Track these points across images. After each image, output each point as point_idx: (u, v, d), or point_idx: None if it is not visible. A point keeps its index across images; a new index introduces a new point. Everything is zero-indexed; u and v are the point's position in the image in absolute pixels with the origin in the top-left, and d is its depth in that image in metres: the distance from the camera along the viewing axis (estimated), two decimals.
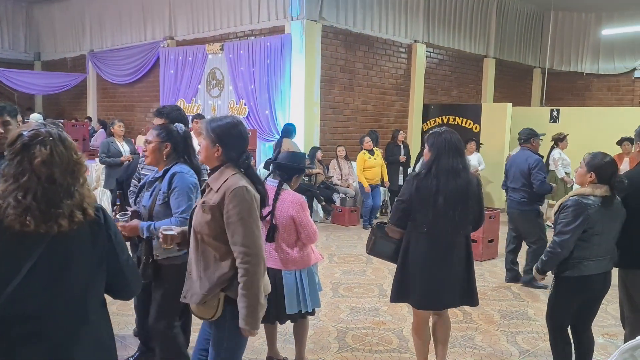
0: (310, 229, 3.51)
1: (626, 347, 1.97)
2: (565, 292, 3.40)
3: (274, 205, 3.48)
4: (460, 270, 3.41)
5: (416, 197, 3.33)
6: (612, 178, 3.28)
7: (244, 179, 2.55)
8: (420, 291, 3.41)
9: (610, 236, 3.36)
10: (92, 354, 1.88)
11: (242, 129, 2.64)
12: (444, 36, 12.20)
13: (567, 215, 3.27)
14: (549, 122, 11.85)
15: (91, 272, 1.89)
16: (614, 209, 3.34)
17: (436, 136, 3.39)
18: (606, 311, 5.28)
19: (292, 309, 3.50)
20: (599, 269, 3.33)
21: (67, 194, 1.80)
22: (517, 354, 4.25)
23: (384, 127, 11.16)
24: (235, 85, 10.32)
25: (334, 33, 10.12)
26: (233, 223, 2.46)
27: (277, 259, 3.51)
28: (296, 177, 3.66)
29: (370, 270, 6.50)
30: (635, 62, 14.09)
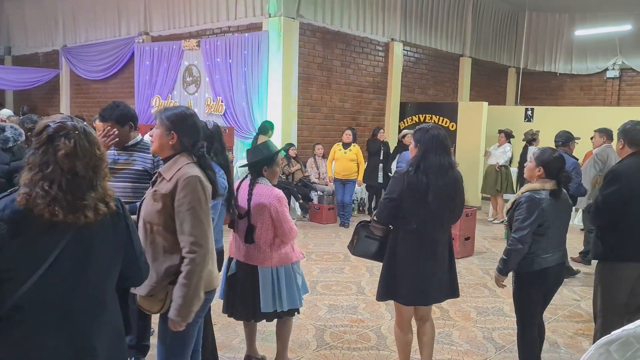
0: (286, 225, 3.43)
1: (602, 342, 1.99)
2: (527, 286, 3.47)
3: (248, 205, 3.44)
4: (445, 266, 3.44)
5: (407, 193, 3.28)
6: (559, 173, 3.37)
7: (197, 168, 2.54)
8: (409, 288, 3.39)
9: (562, 228, 3.48)
10: (109, 340, 1.96)
11: (196, 120, 2.64)
12: (421, 35, 12.27)
13: (522, 211, 3.33)
14: (523, 121, 12.03)
15: (111, 260, 1.99)
16: (563, 202, 3.45)
17: (423, 132, 3.38)
18: (580, 307, 5.38)
19: (267, 307, 3.45)
20: (554, 261, 3.42)
21: (90, 187, 1.87)
22: (494, 349, 4.29)
23: (361, 125, 11.18)
24: (212, 82, 10.23)
25: (312, 31, 10.10)
26: (183, 212, 2.45)
27: (255, 256, 3.47)
28: (265, 168, 3.52)
29: (348, 268, 6.51)
30: (607, 62, 14.37)
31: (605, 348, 2.00)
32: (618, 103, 14.20)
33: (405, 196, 3.30)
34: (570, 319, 5.05)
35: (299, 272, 3.63)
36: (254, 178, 3.51)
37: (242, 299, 3.53)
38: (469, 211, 7.49)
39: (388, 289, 3.47)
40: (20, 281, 1.76)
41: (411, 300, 3.45)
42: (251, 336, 3.84)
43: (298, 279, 3.60)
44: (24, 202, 1.77)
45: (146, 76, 11.37)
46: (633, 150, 3.73)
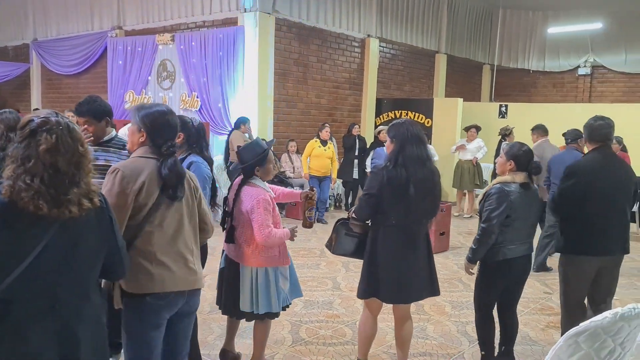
0: (258, 225, 3.28)
1: (571, 333, 2.03)
2: (491, 275, 3.57)
3: (232, 206, 3.42)
4: (427, 262, 3.45)
5: (387, 188, 3.27)
6: (529, 165, 3.46)
7: (144, 163, 2.47)
8: (391, 286, 3.39)
9: (529, 221, 3.55)
10: (92, 331, 2.00)
11: (170, 118, 2.58)
12: (397, 31, 12.32)
13: (491, 202, 3.42)
14: (497, 117, 12.16)
15: (94, 254, 2.02)
16: (532, 195, 3.52)
17: (398, 127, 3.38)
18: (551, 299, 5.47)
19: (244, 307, 3.44)
20: (520, 252, 3.50)
21: (73, 183, 1.89)
22: (467, 343, 4.34)
23: (337, 121, 11.19)
24: (187, 77, 10.12)
25: (288, 26, 10.06)
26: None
27: (235, 253, 3.47)
28: (257, 168, 3.46)
29: (324, 264, 6.51)
30: (579, 60, 14.61)
31: (574, 339, 2.05)
32: (589, 100, 14.44)
33: (385, 191, 3.28)
34: (542, 312, 5.14)
35: (286, 276, 3.54)
36: (246, 178, 3.46)
37: (226, 294, 3.54)
38: (443, 206, 7.55)
39: (370, 287, 3.45)
40: (5, 273, 1.79)
41: (393, 298, 3.46)
42: (232, 331, 3.82)
43: (282, 283, 3.51)
44: (8, 194, 1.80)
45: (119, 71, 11.20)
46: (594, 146, 3.80)
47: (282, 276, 3.51)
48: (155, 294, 2.47)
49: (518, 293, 3.72)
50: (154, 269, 2.46)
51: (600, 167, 3.73)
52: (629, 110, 10.69)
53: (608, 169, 3.75)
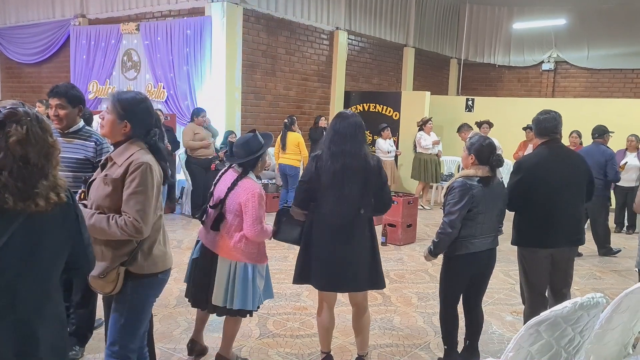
0: (252, 219, 3.28)
1: (532, 322, 2.08)
2: (455, 269, 3.60)
3: (226, 194, 3.39)
4: (365, 254, 3.42)
5: (315, 177, 3.34)
6: (490, 158, 3.50)
7: (149, 155, 2.59)
8: (322, 273, 3.40)
9: (493, 215, 3.58)
10: (53, 330, 1.95)
11: (149, 105, 2.66)
12: (365, 24, 12.34)
13: (454, 196, 3.46)
14: (464, 111, 12.33)
15: (58, 250, 1.97)
16: (495, 188, 3.56)
17: (335, 118, 3.46)
18: (514, 290, 5.58)
19: (217, 300, 3.40)
20: (483, 247, 3.54)
21: (42, 175, 1.83)
22: (433, 333, 4.40)
23: (305, 113, 11.17)
24: (153, 67, 9.95)
25: (256, 17, 9.97)
26: (129, 195, 2.50)
27: (217, 244, 3.43)
28: (255, 163, 3.47)
29: (292, 256, 6.50)
30: (543, 55, 14.90)
31: (535, 329, 2.09)
32: (553, 94, 14.77)
33: (314, 179, 3.34)
34: (505, 302, 5.24)
35: (263, 274, 3.53)
36: (245, 172, 3.43)
37: (199, 286, 3.48)
38: (410, 199, 7.64)
39: (303, 273, 3.48)
40: None
41: (324, 285, 3.46)
42: (201, 323, 3.78)
43: (259, 282, 3.49)
44: None
45: (82, 60, 10.95)
46: (543, 140, 3.85)
47: (259, 274, 3.49)
48: (165, 270, 2.72)
49: (483, 287, 3.76)
50: (166, 249, 2.72)
51: (545, 161, 3.78)
52: (590, 105, 10.96)
53: (554, 163, 3.79)
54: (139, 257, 2.58)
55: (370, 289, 3.61)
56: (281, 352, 3.96)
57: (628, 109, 10.59)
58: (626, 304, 2.52)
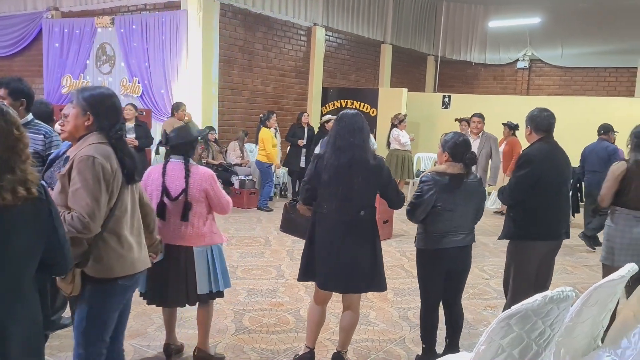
0: (224, 199, 3.48)
1: (503, 315, 2.10)
2: (426, 264, 3.65)
3: (187, 183, 3.37)
4: (366, 255, 3.42)
5: (315, 176, 3.37)
6: (464, 156, 3.53)
7: (105, 150, 2.47)
8: (325, 272, 3.42)
9: (466, 212, 3.59)
10: (25, 328, 1.91)
11: (116, 101, 2.61)
12: (343, 20, 12.34)
13: (421, 188, 3.52)
14: (441, 107, 12.42)
15: (30, 247, 1.92)
16: (469, 187, 3.57)
17: (338, 117, 3.47)
18: (489, 285, 5.65)
19: (203, 289, 3.42)
20: (452, 244, 3.55)
21: (8, 169, 1.79)
22: (408, 328, 4.43)
23: (283, 109, 11.14)
24: (128, 62, 9.82)
25: (233, 12, 9.90)
26: (73, 191, 2.40)
27: (188, 235, 3.40)
28: (190, 150, 3.52)
29: (269, 252, 6.49)
30: (518, 53, 15.08)
31: (506, 322, 2.11)
32: (528, 92, 14.96)
33: (314, 179, 3.37)
34: (480, 297, 5.31)
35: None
36: (188, 160, 3.45)
37: (174, 285, 3.42)
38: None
39: (307, 271, 3.51)
40: None
41: (326, 285, 3.47)
42: (171, 324, 3.74)
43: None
44: None
45: (56, 54, 10.75)
46: (540, 136, 3.92)
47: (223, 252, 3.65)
48: (126, 276, 2.56)
49: (460, 284, 3.78)
50: (125, 252, 2.55)
51: (547, 156, 3.86)
52: (564, 103, 11.12)
53: (554, 158, 3.90)
54: (90, 259, 2.47)
55: (371, 291, 3.64)
56: (257, 348, 3.95)
57: (601, 107, 10.79)
58: (595, 297, 2.57)
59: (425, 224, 3.57)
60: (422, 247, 3.62)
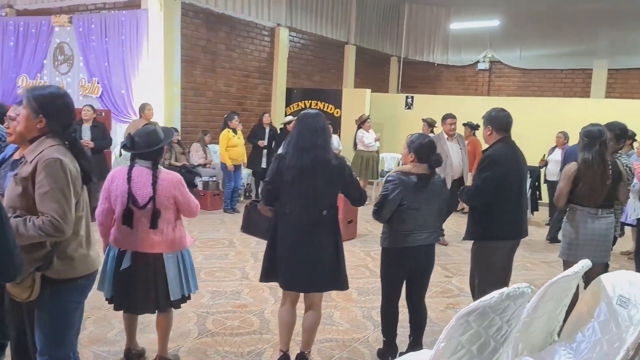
0: (193, 203, 3.46)
1: (461, 313, 2.13)
2: (389, 261, 3.71)
3: (154, 190, 3.29)
4: (328, 254, 3.44)
5: (277, 177, 3.37)
6: (429, 157, 3.59)
7: (64, 152, 2.45)
8: (287, 272, 3.43)
9: (428, 212, 3.64)
10: None
11: (68, 100, 2.55)
12: (307, 21, 12.35)
13: (386, 188, 3.57)
14: (404, 108, 12.55)
15: None
16: (434, 187, 3.64)
17: (299, 117, 3.49)
18: (451, 283, 5.74)
19: (175, 295, 3.37)
20: (417, 242, 3.61)
21: None
22: (372, 327, 4.46)
23: (247, 110, 11.08)
24: (87, 61, 9.59)
25: (194, 12, 9.80)
26: (42, 195, 2.35)
27: (157, 243, 3.33)
28: (159, 154, 3.48)
29: (233, 254, 6.44)
30: (478, 55, 15.36)
31: (465, 319, 2.15)
32: (488, 93, 15.26)
33: (276, 179, 3.38)
34: (442, 295, 5.38)
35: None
36: (156, 165, 3.37)
37: (142, 291, 3.36)
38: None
39: (269, 271, 3.52)
40: None
41: (289, 285, 3.48)
42: (131, 329, 3.68)
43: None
44: None
45: (10, 53, 10.39)
46: (501, 136, 3.98)
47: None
48: (87, 274, 2.58)
49: (424, 282, 3.83)
50: (88, 251, 2.58)
51: (509, 156, 3.93)
52: (523, 104, 11.40)
53: (515, 158, 3.98)
54: (55, 261, 2.44)
55: (333, 290, 3.66)
56: (220, 350, 3.91)
57: (557, 108, 11.10)
58: (551, 293, 2.64)
59: (390, 223, 3.61)
60: (387, 246, 3.66)
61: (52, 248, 2.44)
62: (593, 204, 4.15)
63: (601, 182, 4.10)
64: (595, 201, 4.14)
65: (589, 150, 4.15)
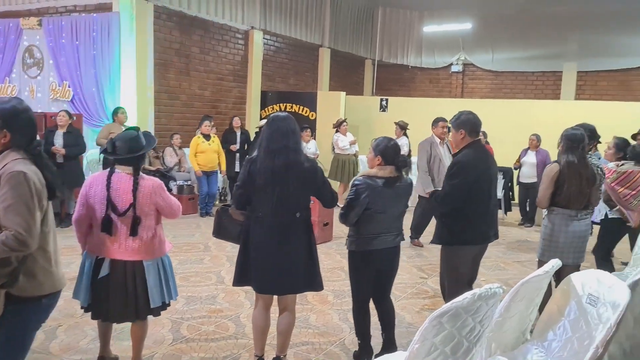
0: (175, 205, 3.45)
1: (435, 314, 2.15)
2: (357, 265, 3.72)
3: (135, 197, 3.24)
4: (302, 256, 3.44)
5: (248, 180, 3.36)
6: (395, 159, 3.63)
7: (29, 165, 2.40)
8: (261, 275, 3.41)
9: (394, 215, 3.69)
10: None
11: (31, 114, 2.51)
12: (281, 24, 12.34)
13: (354, 192, 3.59)
14: (379, 110, 12.62)
15: None
16: (400, 189, 3.67)
17: (269, 120, 3.47)
18: (427, 284, 5.78)
19: (155, 302, 3.33)
20: (383, 245, 3.65)
21: None
22: (348, 330, 4.46)
23: (222, 113, 11.02)
24: (57, 65, 9.42)
25: (167, 14, 9.71)
26: (5, 208, 2.30)
27: (138, 250, 3.29)
28: (141, 161, 3.45)
29: (208, 258, 6.39)
30: (452, 57, 15.54)
31: (438, 320, 2.16)
32: (462, 95, 15.44)
33: (247, 183, 3.36)
34: (418, 296, 5.42)
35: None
36: (137, 172, 3.32)
37: (121, 300, 3.30)
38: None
39: (242, 275, 3.50)
40: None
41: (263, 288, 3.47)
42: (106, 336, 3.61)
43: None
44: None
45: None
46: (473, 139, 3.99)
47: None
48: (51, 293, 2.51)
49: (390, 282, 3.87)
50: (53, 269, 2.51)
51: (479, 162, 3.93)
52: (496, 106, 11.57)
53: (483, 162, 3.99)
54: (21, 278, 2.36)
55: (307, 291, 3.65)
56: (195, 357, 3.88)
57: (529, 109, 11.29)
58: (523, 292, 2.68)
59: (357, 226, 3.64)
60: (354, 249, 3.69)
61: (19, 264, 2.36)
62: (578, 206, 4.21)
63: (587, 184, 4.17)
64: (580, 203, 4.21)
65: (572, 153, 4.21)
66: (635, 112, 10.03)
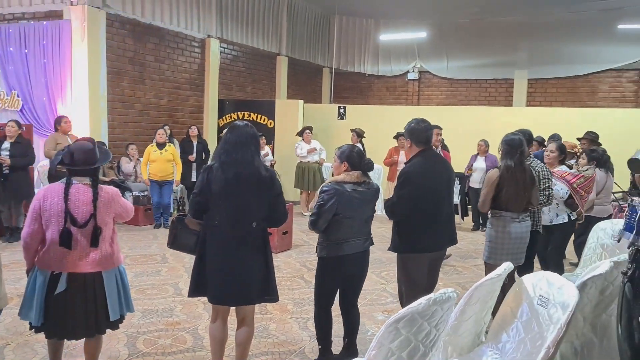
0: (130, 208, 3.50)
1: (391, 320, 2.17)
2: (326, 271, 3.73)
3: (95, 207, 3.18)
4: (257, 266, 3.41)
5: (206, 188, 3.33)
6: (361, 164, 3.68)
7: None
8: (216, 286, 3.37)
9: (362, 219, 3.72)
10: None
11: None
12: (238, 33, 12.28)
13: (322, 197, 3.61)
14: (337, 118, 12.69)
15: None
16: (367, 193, 3.71)
17: (228, 129, 3.47)
18: (386, 290, 5.82)
19: (115, 314, 3.27)
20: (353, 250, 3.68)
21: None
22: (308, 338, 4.45)
23: (179, 122, 10.87)
24: (5, 75, 9.12)
25: (120, 22, 9.53)
26: None
27: (98, 261, 3.21)
28: (98, 172, 3.45)
29: (166, 270, 6.27)
30: (408, 65, 15.77)
31: (394, 326, 2.18)
32: (418, 102, 15.68)
33: (205, 191, 3.33)
34: (377, 302, 5.45)
35: None
36: (96, 183, 3.27)
37: (81, 315, 3.19)
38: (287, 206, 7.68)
39: (198, 285, 3.46)
40: None
41: (218, 299, 3.43)
42: (57, 354, 3.49)
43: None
44: None
45: None
46: (421, 148, 3.97)
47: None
48: None
49: (358, 288, 3.89)
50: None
51: (428, 169, 3.93)
52: (451, 112, 11.80)
53: (434, 170, 3.98)
54: None
55: (262, 302, 3.63)
56: None
57: (483, 116, 11.55)
58: (477, 295, 2.72)
59: (327, 232, 3.64)
60: (325, 256, 3.68)
61: None
62: (517, 209, 4.33)
63: (524, 187, 4.29)
64: (519, 206, 4.32)
65: (510, 157, 4.33)
66: (582, 117, 10.41)
